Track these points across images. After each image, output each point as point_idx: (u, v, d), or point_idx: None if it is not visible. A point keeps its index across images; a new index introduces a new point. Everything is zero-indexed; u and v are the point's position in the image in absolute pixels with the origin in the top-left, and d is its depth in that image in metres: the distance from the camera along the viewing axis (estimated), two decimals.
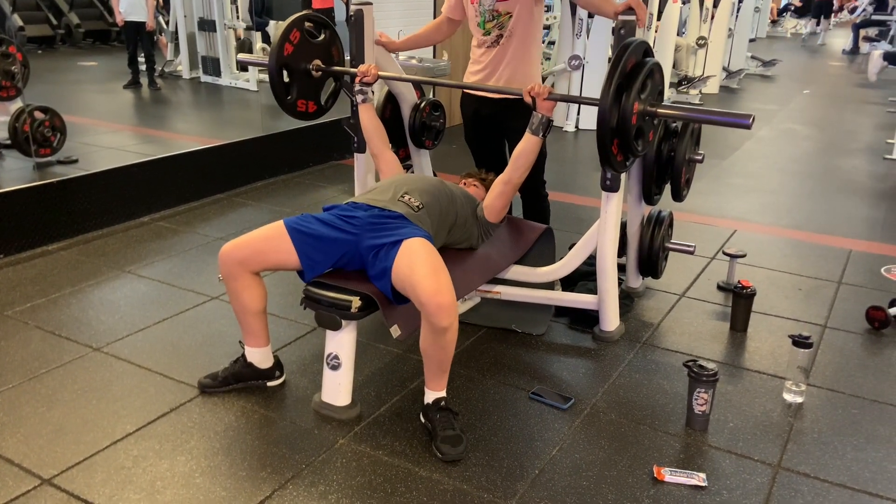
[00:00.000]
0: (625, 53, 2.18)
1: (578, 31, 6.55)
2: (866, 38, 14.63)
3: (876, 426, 2.31)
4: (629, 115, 2.13)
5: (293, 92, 2.85)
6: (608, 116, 2.12)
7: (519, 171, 2.54)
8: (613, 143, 2.16)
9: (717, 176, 5.25)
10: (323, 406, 2.31)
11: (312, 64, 2.85)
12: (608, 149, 2.16)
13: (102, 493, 1.93)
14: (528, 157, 2.51)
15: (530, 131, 2.48)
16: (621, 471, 2.07)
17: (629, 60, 2.18)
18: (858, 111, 8.15)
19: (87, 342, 2.71)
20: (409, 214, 2.29)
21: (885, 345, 2.85)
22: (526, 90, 2.46)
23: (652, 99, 2.22)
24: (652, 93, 2.21)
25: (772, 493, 2.00)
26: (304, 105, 2.88)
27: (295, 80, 2.84)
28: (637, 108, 2.14)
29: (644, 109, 2.18)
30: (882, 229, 4.29)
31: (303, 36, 2.79)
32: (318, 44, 2.88)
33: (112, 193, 3.94)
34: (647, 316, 3.04)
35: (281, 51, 2.73)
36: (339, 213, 2.32)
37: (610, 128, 2.13)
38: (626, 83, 2.16)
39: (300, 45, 2.78)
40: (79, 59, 9.64)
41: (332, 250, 2.25)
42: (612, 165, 2.32)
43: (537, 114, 2.46)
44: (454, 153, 4.87)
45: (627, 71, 2.18)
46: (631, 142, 2.17)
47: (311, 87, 2.91)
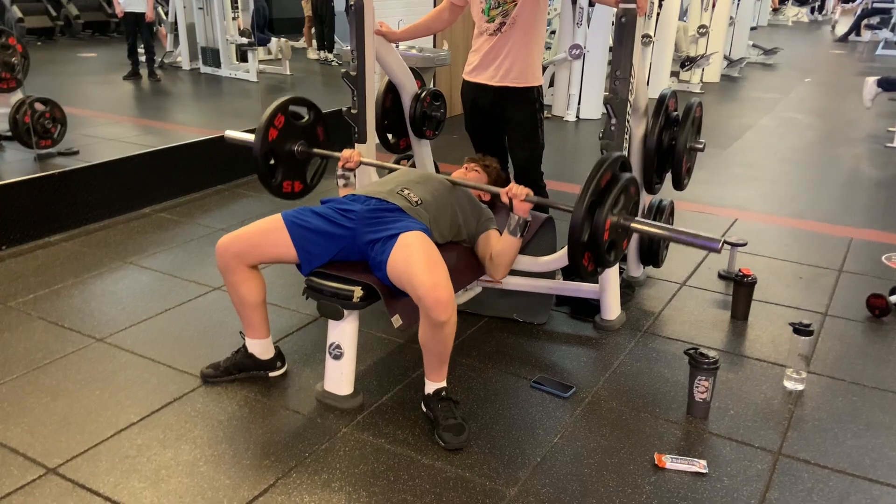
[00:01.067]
0: (600, 170, 2.15)
1: (579, 20, 6.52)
2: (868, 25, 14.58)
3: (876, 413, 2.32)
4: (601, 230, 2.13)
5: (278, 175, 2.82)
6: (579, 232, 2.11)
7: (500, 270, 2.43)
8: (585, 257, 2.17)
9: (718, 165, 5.25)
10: (325, 395, 2.32)
11: (297, 146, 2.83)
12: (579, 262, 2.16)
13: (107, 481, 1.95)
14: (507, 257, 2.41)
15: (508, 232, 2.37)
16: (622, 458, 2.08)
17: (604, 176, 2.16)
18: (860, 99, 8.11)
19: (90, 333, 2.72)
20: (407, 207, 2.28)
21: (885, 332, 2.85)
22: (504, 191, 2.37)
23: (626, 213, 2.21)
24: (626, 206, 2.21)
25: (772, 479, 2.01)
26: (289, 186, 2.88)
27: (280, 163, 2.82)
28: (610, 223, 2.14)
29: (618, 223, 2.18)
30: (883, 217, 4.29)
31: (287, 120, 2.78)
32: (303, 125, 2.86)
33: (113, 185, 3.95)
34: (648, 305, 3.05)
35: (265, 137, 2.70)
36: (336, 207, 2.32)
37: (581, 242, 2.13)
38: (599, 200, 2.15)
39: (284, 130, 2.77)
40: (78, 51, 9.61)
41: (329, 244, 2.25)
42: (583, 277, 2.31)
43: (514, 215, 2.35)
44: (455, 143, 4.87)
45: (602, 187, 2.17)
46: (603, 255, 2.19)
47: (296, 168, 2.88)
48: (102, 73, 8.19)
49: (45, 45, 9.72)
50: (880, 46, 13.11)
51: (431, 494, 1.92)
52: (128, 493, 1.91)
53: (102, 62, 8.88)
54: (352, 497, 1.91)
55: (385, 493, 1.92)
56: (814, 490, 1.97)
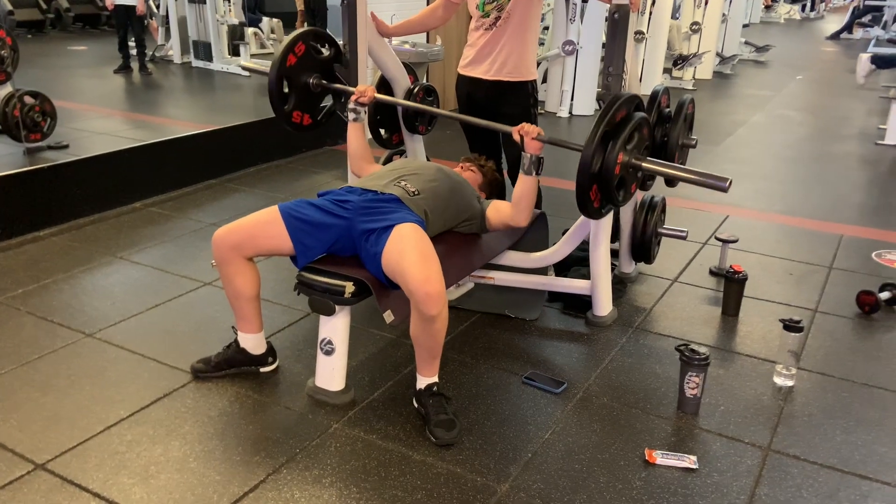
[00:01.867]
0: (615, 104, 2.16)
1: (572, 15, 6.52)
2: (860, 23, 14.64)
3: (866, 409, 2.33)
4: (613, 164, 2.13)
5: (290, 102, 2.83)
6: (590, 162, 2.11)
7: (523, 213, 2.45)
8: (592, 189, 2.16)
9: (711, 161, 5.26)
10: (317, 391, 2.31)
11: (313, 78, 2.84)
12: (586, 194, 2.16)
13: (96, 477, 1.94)
14: (528, 199, 2.42)
15: (523, 172, 2.39)
16: (613, 454, 2.08)
17: (619, 112, 2.17)
18: (851, 96, 8.16)
19: (79, 328, 2.71)
20: (405, 198, 2.28)
21: (875, 329, 2.87)
22: (516, 129, 2.39)
23: (637, 152, 2.22)
24: (638, 146, 2.21)
25: (762, 475, 2.02)
26: (299, 117, 2.87)
27: (294, 92, 2.83)
28: (622, 159, 2.14)
29: (629, 161, 2.18)
30: (873, 214, 4.31)
31: (307, 49, 2.78)
32: (322, 59, 2.87)
33: (104, 179, 3.92)
34: (640, 301, 3.05)
35: (284, 61, 2.72)
36: (333, 198, 2.32)
37: (591, 173, 2.12)
38: (612, 133, 2.15)
39: (303, 59, 2.77)
40: (69, 44, 9.56)
41: (325, 236, 2.25)
42: (588, 211, 2.30)
43: (527, 154, 2.36)
44: (448, 139, 4.86)
45: (616, 122, 2.18)
46: (612, 190, 2.18)
47: (309, 101, 2.89)
48: (93, 66, 8.14)
49: (36, 38, 9.65)
50: (872, 44, 13.16)
51: (422, 490, 1.92)
52: (117, 489, 1.90)
53: (93, 55, 8.83)
54: (343, 493, 1.90)
55: (376, 489, 1.92)
56: (803, 486, 1.98)
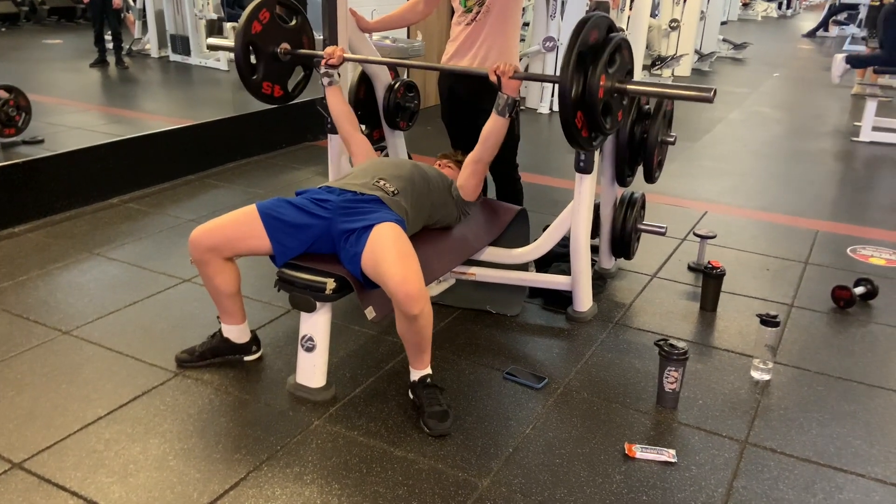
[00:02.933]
0: (584, 25, 2.10)
1: (553, 12, 6.53)
2: (835, 21, 14.82)
3: (841, 402, 2.37)
4: (595, 89, 2.07)
5: (258, 72, 2.79)
6: (568, 87, 2.03)
7: (489, 150, 2.56)
8: (577, 117, 2.10)
9: (689, 158, 5.30)
10: (298, 388, 2.30)
11: (280, 47, 2.79)
12: (571, 123, 2.08)
13: (74, 476, 1.92)
14: (496, 137, 2.52)
15: (496, 111, 2.47)
16: (593, 448, 2.10)
17: (591, 33, 2.11)
18: (827, 94, 8.27)
19: (55, 325, 2.67)
20: (385, 198, 2.28)
21: (849, 323, 2.91)
22: (491, 69, 2.44)
23: (621, 75, 2.18)
24: (620, 69, 2.16)
25: (739, 467, 2.04)
26: (269, 88, 2.82)
27: (262, 61, 2.77)
28: (604, 83, 2.08)
29: (612, 85, 2.12)
30: (848, 210, 4.37)
31: (272, 17, 2.73)
32: (289, 28, 2.82)
33: (80, 174, 3.87)
34: (620, 296, 3.08)
35: (248, 28, 2.66)
36: (312, 197, 2.30)
37: (571, 100, 2.05)
38: (590, 56, 2.09)
39: (269, 27, 2.72)
40: (43, 37, 9.40)
41: (304, 236, 2.24)
42: (578, 142, 2.26)
43: (503, 94, 2.44)
44: (429, 135, 4.86)
45: (590, 43, 2.11)
46: (598, 116, 2.10)
47: (279, 71, 2.84)
48: (68, 60, 8.02)
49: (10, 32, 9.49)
50: (847, 42, 13.34)
51: (404, 486, 1.92)
52: (95, 487, 1.88)
53: (68, 49, 8.69)
54: (324, 490, 1.90)
55: (357, 486, 1.92)
56: (780, 478, 2.00)
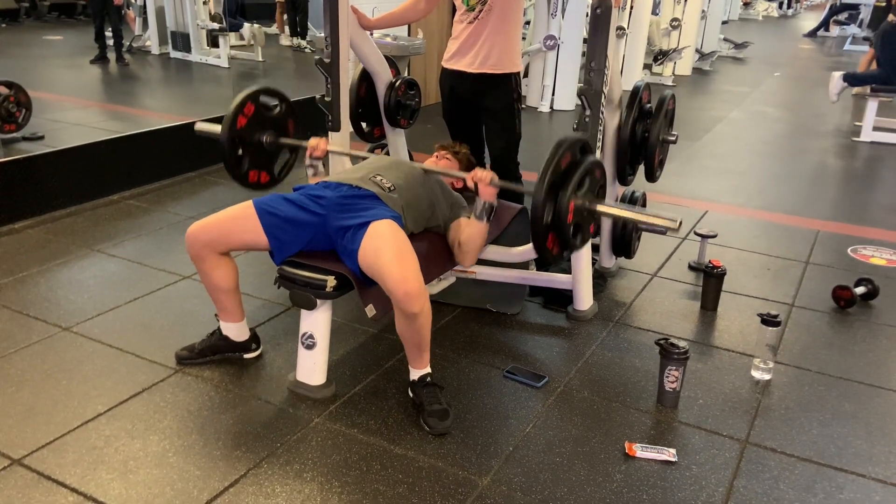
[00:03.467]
0: (558, 151, 2.14)
1: (554, 10, 6.53)
2: (836, 21, 14.82)
3: (841, 402, 2.36)
4: (564, 212, 2.11)
5: (245, 164, 2.79)
6: (540, 212, 2.09)
7: (468, 257, 2.44)
8: (549, 239, 2.16)
9: (690, 157, 5.30)
10: (298, 385, 2.30)
11: (265, 137, 2.80)
12: (543, 244, 2.15)
13: (74, 473, 1.91)
14: (475, 243, 2.40)
15: (475, 217, 2.36)
16: (594, 447, 2.10)
17: (563, 158, 2.15)
18: (827, 93, 8.25)
19: (56, 322, 2.67)
20: (380, 194, 2.27)
21: (850, 323, 2.91)
22: (468, 175, 2.36)
23: (591, 196, 2.21)
24: (591, 188, 2.20)
25: (740, 467, 2.04)
26: (255, 175, 2.84)
27: (248, 152, 2.78)
28: (574, 205, 2.13)
29: (582, 205, 2.17)
30: (849, 210, 4.37)
31: (257, 109, 2.75)
32: (273, 117, 2.83)
33: (80, 171, 3.86)
34: (620, 295, 3.07)
35: (234, 124, 2.68)
36: (308, 193, 2.30)
37: (543, 224, 2.11)
38: (560, 180, 2.13)
39: (254, 119, 2.74)
40: (44, 34, 9.38)
41: (300, 232, 2.23)
42: (548, 260, 2.29)
43: (480, 199, 2.34)
44: (430, 132, 4.85)
45: (563, 168, 2.15)
46: (568, 238, 2.17)
47: (264, 159, 2.85)
48: (69, 56, 8.00)
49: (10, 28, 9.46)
50: (848, 42, 13.34)
51: (404, 484, 1.92)
52: (95, 484, 1.88)
53: (69, 45, 8.67)
54: (324, 487, 1.90)
55: (358, 483, 1.91)
56: (780, 478, 2.00)
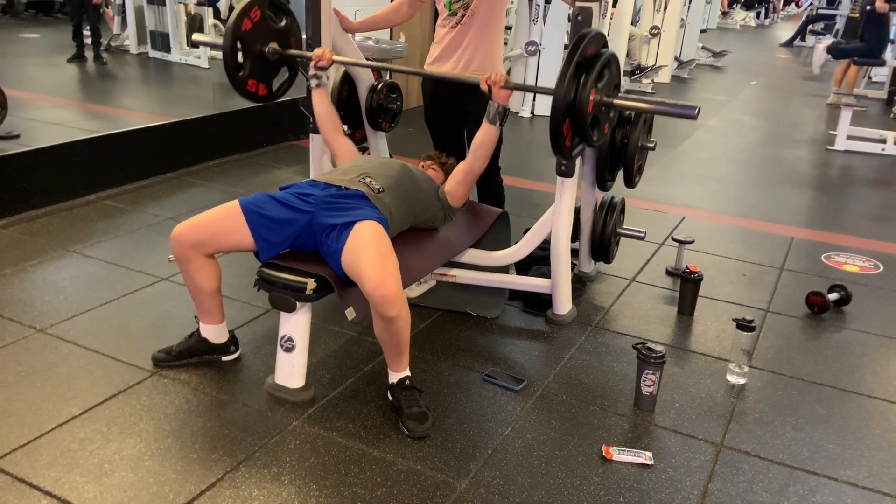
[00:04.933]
0: (584, 39, 2.19)
1: (535, 16, 6.57)
2: (812, 31, 15.05)
3: (814, 407, 2.40)
4: (585, 101, 2.14)
5: (245, 69, 2.79)
6: (564, 95, 2.11)
7: (480, 160, 2.56)
8: (566, 123, 2.16)
9: (668, 164, 5.35)
10: (276, 388, 2.29)
11: (269, 46, 2.80)
12: (559, 129, 2.14)
13: (48, 476, 1.89)
14: (487, 147, 2.53)
15: (487, 120, 2.47)
16: (571, 450, 2.11)
17: (588, 47, 2.19)
18: (803, 103, 8.40)
19: (30, 323, 2.63)
20: (369, 195, 2.28)
21: (823, 329, 2.96)
22: (483, 78, 2.46)
23: (608, 89, 2.24)
24: (609, 83, 2.23)
25: (714, 470, 2.07)
26: (254, 85, 2.83)
27: (249, 58, 2.79)
28: (593, 97, 2.15)
29: (600, 99, 2.20)
30: (823, 218, 4.45)
31: (263, 16, 2.74)
32: (278, 28, 2.83)
33: (56, 171, 3.81)
34: (599, 300, 3.10)
35: (239, 25, 2.68)
36: (296, 192, 2.30)
37: (564, 106, 2.12)
38: (584, 69, 2.17)
39: (259, 25, 2.73)
40: (21, 31, 9.26)
41: (287, 231, 2.23)
42: (561, 148, 2.30)
43: (493, 103, 2.45)
44: (411, 136, 4.86)
45: (587, 56, 2.19)
46: (586, 128, 2.18)
47: (264, 70, 2.85)
48: (46, 54, 7.90)
49: None
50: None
51: (382, 487, 1.92)
52: (69, 487, 1.85)
53: (46, 43, 8.57)
54: (302, 490, 1.89)
55: (336, 487, 1.91)
56: (754, 481, 2.03)
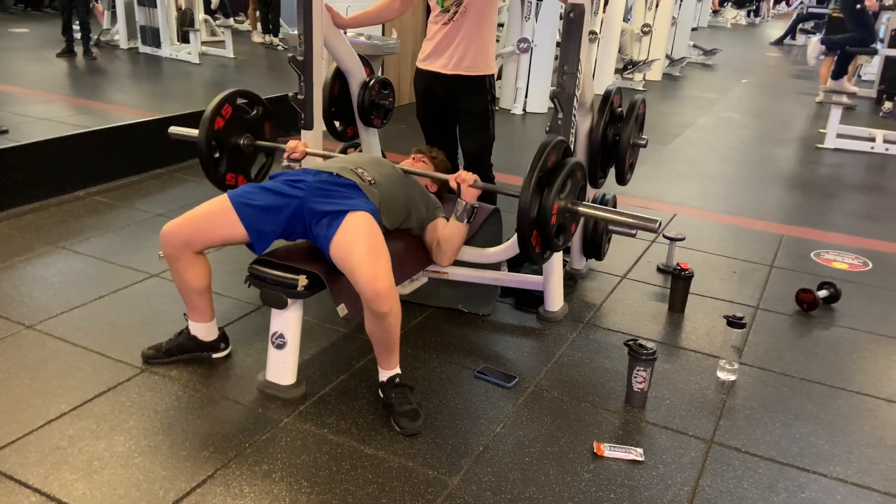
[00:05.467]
0: (545, 151, 2.19)
1: (527, 13, 6.56)
2: (802, 30, 15.13)
3: (803, 403, 2.42)
4: (549, 213, 2.16)
5: (222, 165, 2.80)
6: (528, 209, 2.14)
7: (447, 256, 2.50)
8: (533, 235, 2.19)
9: (660, 161, 5.37)
10: (267, 385, 2.28)
11: (243, 139, 2.82)
12: (528, 240, 2.19)
13: (37, 473, 1.88)
14: (454, 243, 2.46)
15: (455, 217, 2.42)
16: (563, 447, 2.12)
17: (549, 157, 2.20)
18: (793, 101, 8.44)
19: (19, 319, 2.61)
20: (361, 185, 2.27)
21: (813, 326, 2.98)
22: (452, 177, 2.42)
23: (573, 197, 2.26)
24: (573, 191, 2.25)
25: (705, 466, 2.08)
26: (233, 178, 2.86)
27: (225, 154, 2.80)
28: (557, 206, 2.18)
29: (565, 206, 2.22)
30: (812, 215, 4.47)
31: (234, 111, 2.76)
32: (250, 119, 2.85)
33: (45, 166, 3.79)
34: (590, 297, 3.10)
35: (212, 125, 2.69)
36: (287, 179, 2.29)
37: (530, 220, 2.15)
38: (546, 179, 2.18)
39: (231, 121, 2.75)
40: (10, 26, 9.19)
41: (279, 218, 2.22)
42: (531, 257, 2.32)
43: (462, 201, 2.39)
44: (403, 133, 4.85)
45: (548, 167, 2.20)
46: (551, 237, 2.21)
47: (241, 161, 2.87)
48: (35, 49, 7.84)
49: None
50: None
51: (374, 484, 1.91)
52: (58, 484, 1.84)
53: (35, 38, 8.50)
54: (293, 487, 1.89)
55: (327, 484, 1.91)
56: (744, 477, 2.04)
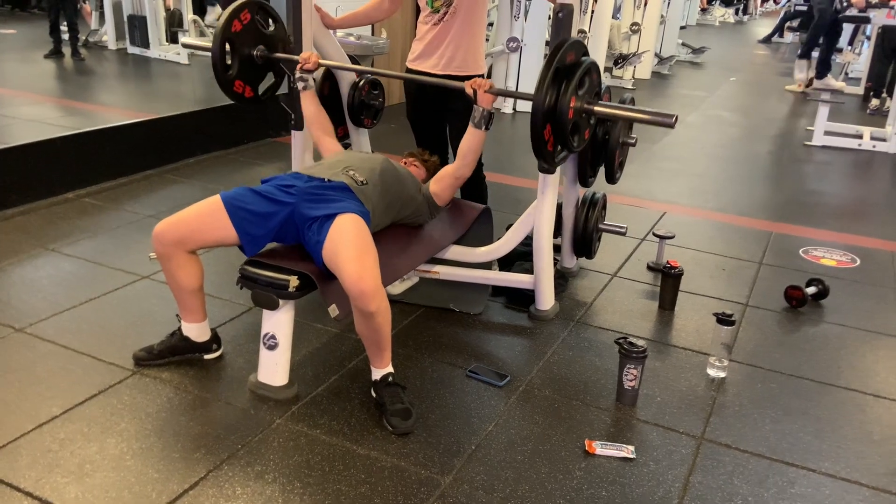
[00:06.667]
0: (563, 46, 2.21)
1: (517, 13, 6.58)
2: (790, 28, 15.22)
3: (792, 399, 2.44)
4: (566, 108, 2.16)
5: (233, 70, 2.83)
6: (542, 101, 2.12)
7: (468, 165, 2.60)
8: (546, 129, 2.17)
9: (649, 159, 5.39)
10: (259, 386, 2.28)
11: (257, 49, 2.83)
12: (541, 134, 2.17)
13: (28, 476, 1.87)
14: (474, 152, 2.57)
15: (473, 125, 2.50)
16: (554, 445, 2.13)
17: (567, 54, 2.21)
18: (781, 99, 8.49)
19: (8, 322, 2.60)
20: (353, 187, 2.28)
21: (801, 322, 3.00)
22: (468, 83, 2.48)
23: (589, 97, 2.26)
24: (589, 91, 2.25)
25: (695, 463, 2.09)
26: (241, 87, 2.86)
27: (237, 59, 2.82)
28: (574, 104, 2.17)
29: (581, 106, 2.22)
30: (800, 212, 4.50)
31: (252, 20, 2.77)
32: (266, 33, 2.88)
33: (33, 168, 3.76)
34: (581, 295, 3.12)
35: (229, 26, 2.71)
36: (278, 183, 2.29)
37: (543, 112, 2.13)
38: (563, 75, 2.18)
39: (248, 28, 2.77)
40: None
41: (270, 223, 2.22)
42: (543, 154, 2.32)
43: (478, 107, 2.48)
44: (393, 132, 4.85)
45: (566, 63, 2.20)
46: (567, 134, 2.20)
47: (252, 73, 2.90)
48: (22, 50, 7.79)
49: None
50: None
51: (366, 484, 1.92)
52: (50, 488, 1.84)
53: (22, 39, 8.44)
54: (286, 488, 1.89)
55: (320, 484, 1.91)
56: (734, 473, 2.06)
